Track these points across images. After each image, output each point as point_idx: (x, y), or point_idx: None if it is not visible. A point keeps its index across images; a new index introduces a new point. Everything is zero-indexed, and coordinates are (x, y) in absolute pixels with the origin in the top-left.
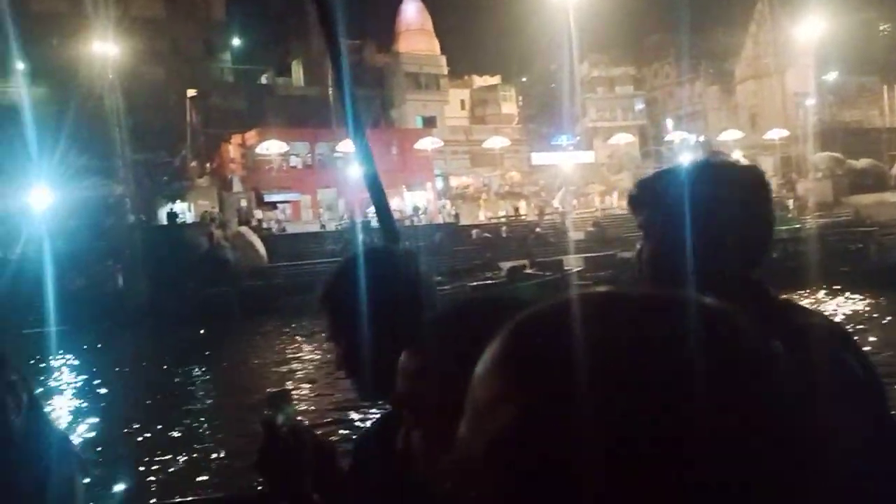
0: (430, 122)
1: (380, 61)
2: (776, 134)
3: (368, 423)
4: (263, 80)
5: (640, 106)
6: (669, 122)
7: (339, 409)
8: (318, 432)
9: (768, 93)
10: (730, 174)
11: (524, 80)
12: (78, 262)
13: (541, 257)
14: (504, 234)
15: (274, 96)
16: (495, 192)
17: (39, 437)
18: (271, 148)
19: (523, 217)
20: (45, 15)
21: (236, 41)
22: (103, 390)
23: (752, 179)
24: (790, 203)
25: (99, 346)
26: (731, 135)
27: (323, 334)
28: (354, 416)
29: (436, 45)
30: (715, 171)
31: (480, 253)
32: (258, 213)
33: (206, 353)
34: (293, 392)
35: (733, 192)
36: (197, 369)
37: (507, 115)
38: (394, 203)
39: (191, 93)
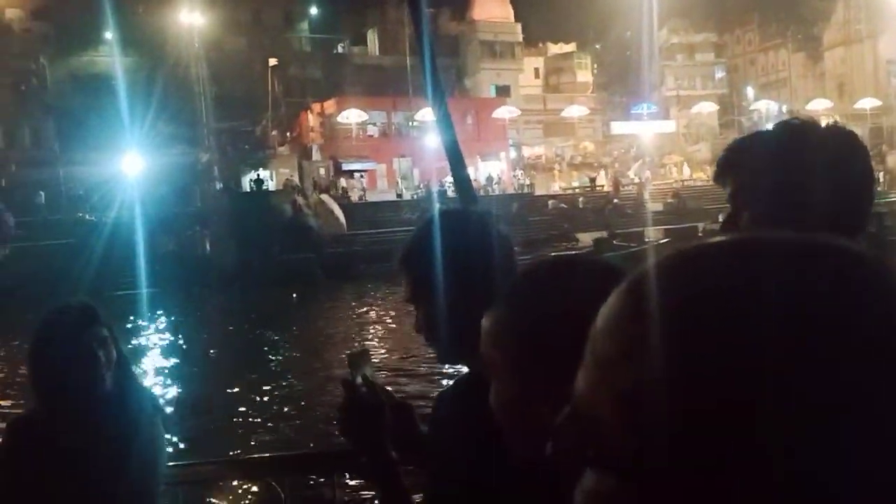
0: (503, 91)
1: (454, 29)
2: (867, 103)
3: (446, 385)
4: (339, 49)
5: (720, 74)
6: (751, 91)
7: (416, 371)
8: (396, 393)
9: (858, 60)
10: (825, 136)
11: (599, 47)
12: (168, 226)
13: (619, 229)
14: (581, 205)
15: (350, 65)
16: (568, 163)
17: (127, 393)
18: (351, 117)
19: (599, 188)
20: None
21: (314, 11)
22: (192, 350)
23: (849, 142)
24: (880, 176)
25: (189, 308)
26: (818, 104)
27: (400, 299)
28: (433, 377)
29: (510, 12)
30: (809, 133)
31: (557, 224)
32: (342, 182)
33: (291, 315)
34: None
35: (829, 154)
36: (282, 331)
37: (581, 83)
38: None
39: (272, 62)
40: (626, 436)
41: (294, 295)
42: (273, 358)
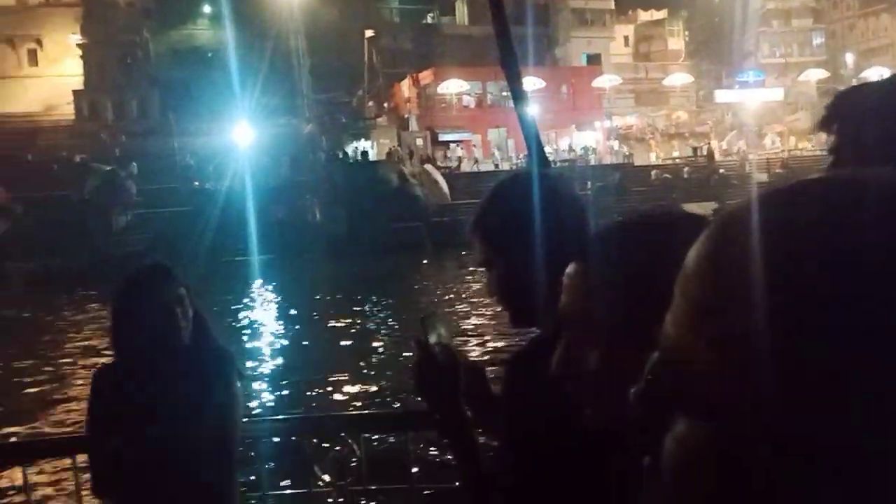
0: (594, 60)
1: None
2: None
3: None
4: (429, 19)
5: (818, 40)
6: (850, 58)
7: (490, 335)
8: (473, 356)
9: None
10: None
11: (688, 14)
12: (278, 195)
13: (727, 199)
14: (686, 175)
15: (440, 36)
16: (662, 133)
17: (203, 347)
18: (450, 87)
19: (700, 158)
20: None
21: None
22: (303, 313)
23: None
24: None
25: (301, 273)
26: None
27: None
28: (504, 342)
29: None
30: None
31: (661, 194)
32: (453, 151)
33: (400, 283)
34: (451, 314)
35: None
36: (390, 297)
37: (673, 51)
38: (563, 143)
39: (369, 33)
40: (725, 381)
41: (424, 261)
42: (379, 322)
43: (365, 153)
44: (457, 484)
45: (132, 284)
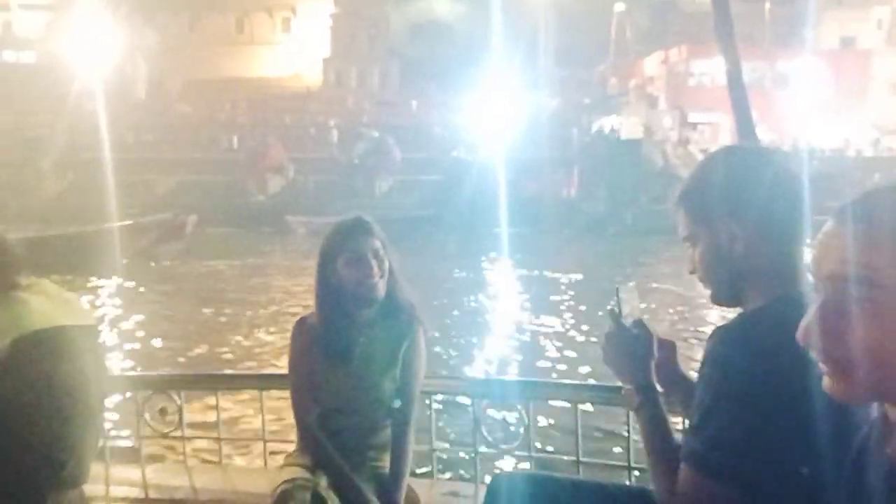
0: (848, 43)
1: None
2: None
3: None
4: None
5: None
6: None
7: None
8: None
9: None
10: None
11: None
12: (529, 169)
13: None
14: None
15: (679, 13)
16: None
17: (395, 301)
18: (701, 66)
19: None
20: None
21: None
22: (539, 290)
23: None
24: None
25: (560, 250)
26: None
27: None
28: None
29: None
30: None
31: None
32: (701, 132)
33: (657, 263)
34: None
35: None
36: (641, 277)
37: None
38: (820, 133)
39: (619, 7)
40: None
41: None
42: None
43: (615, 131)
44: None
45: (333, 236)
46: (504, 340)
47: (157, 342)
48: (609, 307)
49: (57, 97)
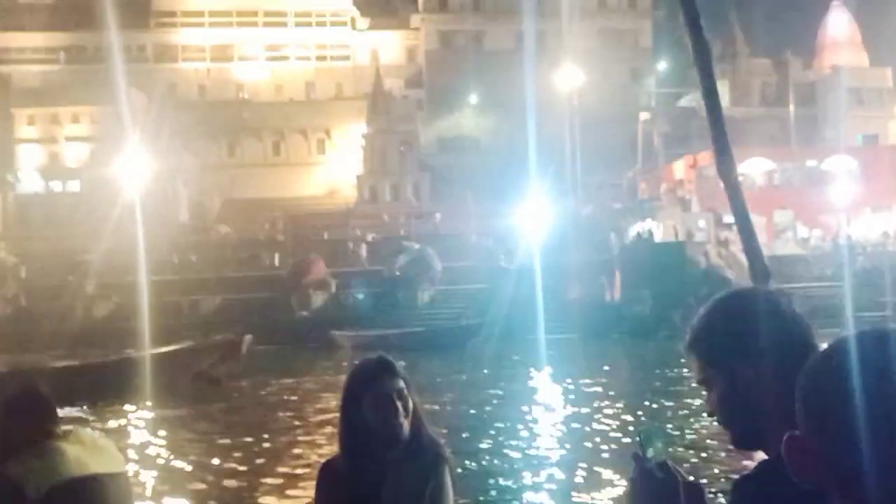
0: (870, 140)
1: (808, 77)
2: None
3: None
4: (683, 102)
5: None
6: None
7: (711, 451)
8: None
9: None
10: None
11: None
12: (570, 274)
13: None
14: None
15: (699, 118)
16: None
17: (420, 441)
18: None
19: None
20: (496, 52)
21: (661, 65)
22: (605, 396)
23: None
24: None
25: (608, 355)
26: None
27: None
28: (725, 460)
29: (864, 58)
30: None
31: None
32: (722, 234)
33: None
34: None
35: None
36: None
37: None
38: (857, 226)
39: (644, 116)
40: None
41: None
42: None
43: (651, 233)
44: None
45: (357, 378)
46: (545, 458)
47: (208, 476)
48: (633, 451)
49: (100, 222)
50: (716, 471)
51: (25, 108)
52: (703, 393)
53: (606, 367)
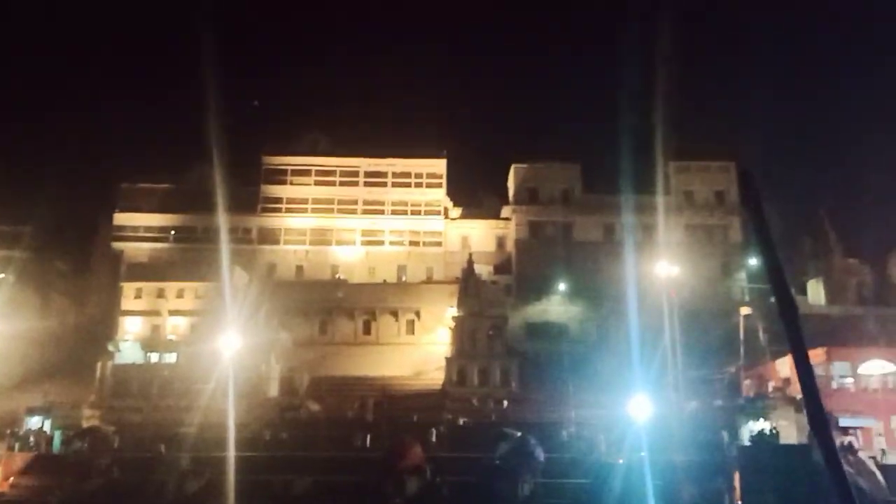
0: None
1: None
2: None
3: None
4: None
5: None
6: None
7: None
8: None
9: None
10: None
11: None
12: (680, 473)
13: None
14: None
15: (815, 316)
16: None
17: None
18: (843, 368)
19: None
20: (583, 242)
21: (752, 261)
22: None
23: None
24: None
25: None
26: None
27: None
28: None
29: None
30: None
31: None
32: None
33: None
34: None
35: None
36: None
37: None
38: None
39: (744, 311)
40: None
41: None
42: None
43: (770, 434)
44: None
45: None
46: None
47: None
48: None
49: (195, 395)
50: None
51: (134, 282)
52: None
53: None
